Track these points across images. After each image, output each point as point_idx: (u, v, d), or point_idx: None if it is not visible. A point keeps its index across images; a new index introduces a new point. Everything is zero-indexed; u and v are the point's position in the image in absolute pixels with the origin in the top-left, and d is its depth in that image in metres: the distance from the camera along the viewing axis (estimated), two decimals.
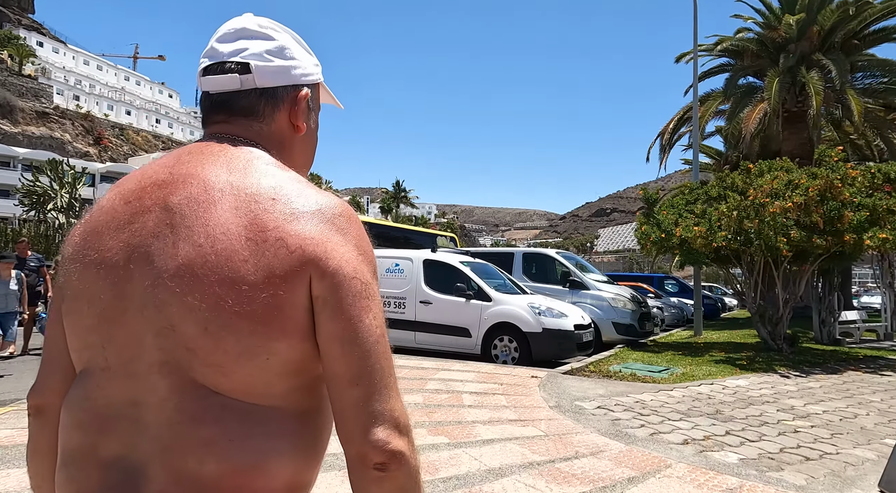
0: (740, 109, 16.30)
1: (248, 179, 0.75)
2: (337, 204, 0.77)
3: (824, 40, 15.90)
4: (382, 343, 0.73)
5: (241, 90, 0.82)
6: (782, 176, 8.82)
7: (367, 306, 0.72)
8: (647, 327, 10.74)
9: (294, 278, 0.69)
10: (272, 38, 0.85)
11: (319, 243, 0.71)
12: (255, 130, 0.84)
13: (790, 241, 8.59)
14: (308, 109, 0.89)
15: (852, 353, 10.21)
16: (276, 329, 0.69)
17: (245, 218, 0.71)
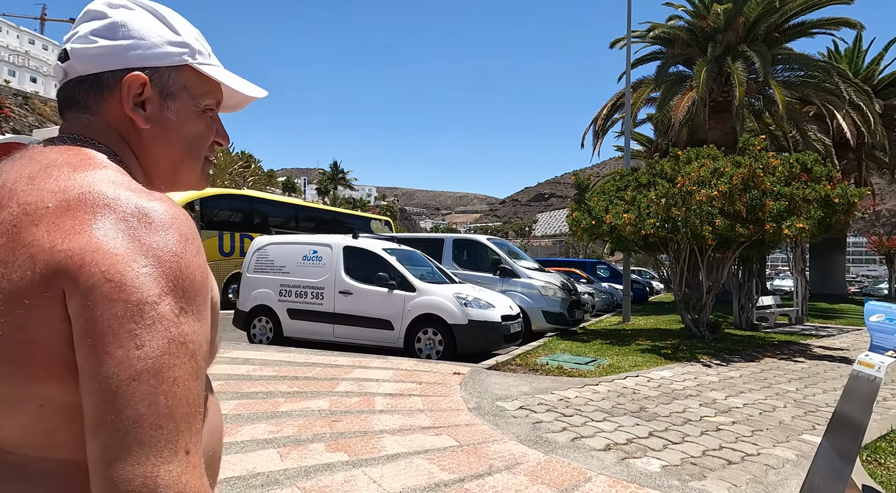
0: (670, 96, 16.52)
1: (38, 184, 0.63)
2: (136, 203, 0.62)
3: (749, 31, 16.31)
4: (148, 383, 0.55)
5: (70, 80, 0.74)
6: (709, 164, 8.81)
7: (129, 333, 0.55)
8: (576, 315, 10.62)
9: (42, 300, 0.57)
10: (105, 17, 0.73)
11: (77, 253, 0.57)
12: (84, 125, 0.74)
13: (715, 229, 8.60)
14: (161, 98, 0.75)
15: (768, 339, 10.53)
16: (35, 370, 0.58)
17: (7, 234, 0.60)
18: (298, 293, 8.41)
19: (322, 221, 21.08)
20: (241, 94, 0.82)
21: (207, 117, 0.80)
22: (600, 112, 18.72)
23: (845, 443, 3.19)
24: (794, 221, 8.60)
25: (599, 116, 18.71)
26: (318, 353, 7.55)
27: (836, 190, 8.71)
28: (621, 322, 13.31)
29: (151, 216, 0.61)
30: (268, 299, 8.62)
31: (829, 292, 23.05)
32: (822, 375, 7.21)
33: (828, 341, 10.43)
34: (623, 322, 13.28)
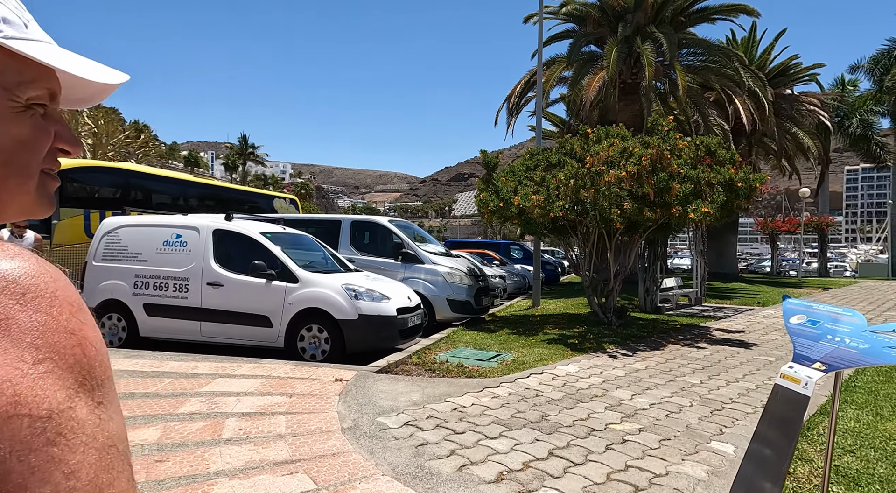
0: (582, 76, 16.28)
1: None
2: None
3: (657, 13, 16.35)
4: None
5: None
6: (618, 143, 8.40)
7: (50, 460, 0.40)
8: (484, 303, 10.03)
9: None
10: None
11: None
12: None
13: (623, 213, 8.25)
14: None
15: (671, 322, 10.53)
16: None
17: None
18: (158, 285, 7.08)
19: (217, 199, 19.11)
20: (90, 81, 0.58)
21: (36, 115, 0.57)
22: (514, 89, 18.21)
23: (766, 478, 2.66)
24: (699, 205, 8.42)
25: (513, 94, 18.20)
26: (178, 357, 6.34)
27: (739, 174, 8.63)
28: (531, 307, 12.99)
29: (19, 284, 0.45)
30: (119, 292, 7.21)
31: (722, 271, 24.41)
32: (724, 363, 7.06)
33: (725, 324, 10.60)
34: (533, 307, 12.97)
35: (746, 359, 7.31)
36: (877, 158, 35.82)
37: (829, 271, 34.18)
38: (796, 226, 30.53)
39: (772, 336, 9.23)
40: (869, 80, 32.27)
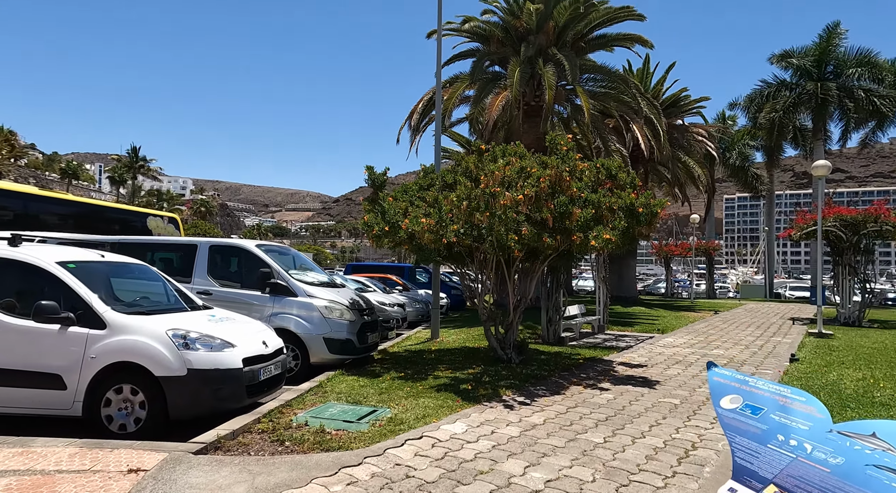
0: (485, 94, 15.76)
1: None
2: None
3: (559, 37, 16.27)
4: None
5: None
6: (515, 162, 7.58)
7: None
8: (370, 340, 8.75)
9: None
10: None
11: None
12: None
13: (521, 239, 7.40)
14: None
15: (574, 356, 9.83)
16: None
17: None
18: None
19: (74, 216, 16.37)
20: None
21: None
22: (416, 107, 17.37)
23: None
24: (601, 232, 7.77)
25: (415, 111, 17.35)
26: None
27: (640, 199, 8.13)
28: (430, 340, 11.88)
29: None
30: None
31: (623, 295, 24.85)
32: (629, 409, 6.28)
33: (628, 356, 10.08)
34: (431, 340, 11.86)
35: (651, 403, 6.60)
36: (753, 188, 39.07)
37: (716, 293, 36.39)
38: (688, 250, 32.15)
39: (674, 371, 8.74)
40: (745, 117, 35.19)
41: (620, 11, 16.10)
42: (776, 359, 10.04)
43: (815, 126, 30.51)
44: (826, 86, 28.77)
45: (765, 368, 9.17)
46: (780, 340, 12.89)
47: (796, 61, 29.72)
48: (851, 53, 29.10)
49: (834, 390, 7.36)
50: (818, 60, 29.36)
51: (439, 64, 12.55)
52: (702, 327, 15.46)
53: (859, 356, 10.28)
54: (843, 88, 28.51)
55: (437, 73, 12.60)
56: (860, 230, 16.38)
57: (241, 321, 6.30)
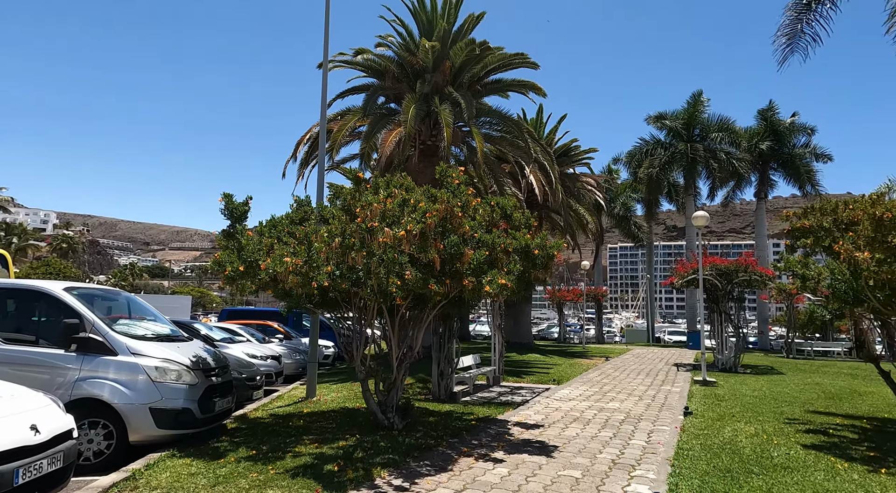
0: (378, 130, 14.91)
1: None
2: None
3: (455, 77, 15.99)
4: None
5: None
6: (398, 194, 6.57)
7: None
8: (218, 407, 7.04)
9: None
10: None
11: None
12: None
13: (405, 283, 6.31)
14: None
15: (466, 416, 8.75)
16: None
17: None
18: None
19: None
20: None
21: None
22: (302, 138, 16.08)
23: None
24: (495, 276, 6.90)
25: (301, 143, 16.03)
26: None
27: (536, 240, 7.44)
28: (305, 399, 10.24)
29: None
30: None
31: (519, 341, 24.54)
32: (525, 490, 5.25)
33: (524, 414, 9.19)
34: (307, 399, 10.23)
35: (550, 478, 5.62)
36: (635, 238, 41.70)
37: (604, 337, 37.66)
38: (579, 295, 33.02)
39: (572, 431, 7.93)
40: (627, 171, 37.77)
41: (515, 57, 16.26)
42: (671, 412, 9.67)
43: (686, 183, 33.27)
44: (695, 147, 31.64)
45: (661, 423, 8.69)
46: (669, 389, 12.79)
47: (669, 123, 32.51)
48: (714, 120, 32.42)
49: (734, 450, 6.92)
50: (687, 124, 32.33)
51: (324, 93, 11.46)
52: (596, 376, 15.17)
53: (745, 407, 10.24)
54: (709, 150, 31.47)
55: (323, 102, 11.49)
56: (733, 279, 17.33)
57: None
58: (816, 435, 8.00)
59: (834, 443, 7.56)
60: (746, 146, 32.40)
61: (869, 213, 7.03)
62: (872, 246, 7.25)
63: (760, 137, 32.42)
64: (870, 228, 7.08)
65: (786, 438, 7.73)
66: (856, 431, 8.48)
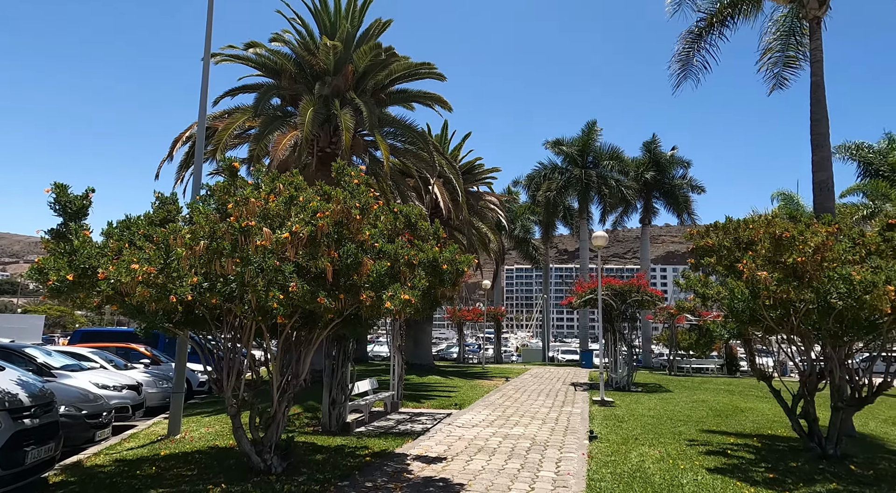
0: (270, 131, 13.55)
1: None
2: None
3: (358, 83, 15.11)
4: None
5: None
6: (284, 190, 5.51)
7: None
8: (30, 458, 5.40)
9: None
10: None
11: None
12: None
13: (289, 297, 5.23)
14: None
15: (359, 451, 7.69)
16: None
17: None
18: None
19: None
20: None
21: None
22: (180, 136, 14.24)
23: None
24: (398, 291, 6.04)
25: (179, 141, 14.18)
26: None
27: (445, 253, 6.69)
28: (166, 437, 8.58)
29: None
30: None
31: (419, 362, 23.69)
32: None
33: (425, 446, 8.30)
34: (168, 437, 8.58)
35: None
36: (532, 259, 42.86)
37: (502, 357, 37.91)
38: (479, 315, 32.95)
39: (477, 464, 7.18)
40: (526, 194, 38.86)
41: (422, 67, 15.74)
42: (575, 436, 9.28)
43: (580, 207, 34.79)
44: (588, 173, 33.23)
45: (568, 449, 8.22)
46: (570, 410, 12.58)
47: (566, 149, 33.93)
48: (605, 148, 34.34)
49: (644, 478, 6.55)
50: (582, 150, 33.93)
51: (205, 84, 9.97)
52: (497, 398, 14.68)
53: (646, 428, 10.15)
54: (601, 177, 33.19)
55: (203, 94, 9.99)
56: (627, 299, 17.86)
57: None
58: (717, 457, 7.92)
59: (735, 465, 7.48)
60: (634, 175, 34.62)
61: (769, 232, 7.11)
62: (769, 265, 7.35)
63: (645, 168, 34.79)
64: (769, 247, 7.15)
65: (690, 461, 7.55)
66: (750, 450, 8.56)
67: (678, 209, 35.18)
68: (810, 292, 6.89)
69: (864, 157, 27.63)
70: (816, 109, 11.44)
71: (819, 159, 11.32)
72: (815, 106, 11.46)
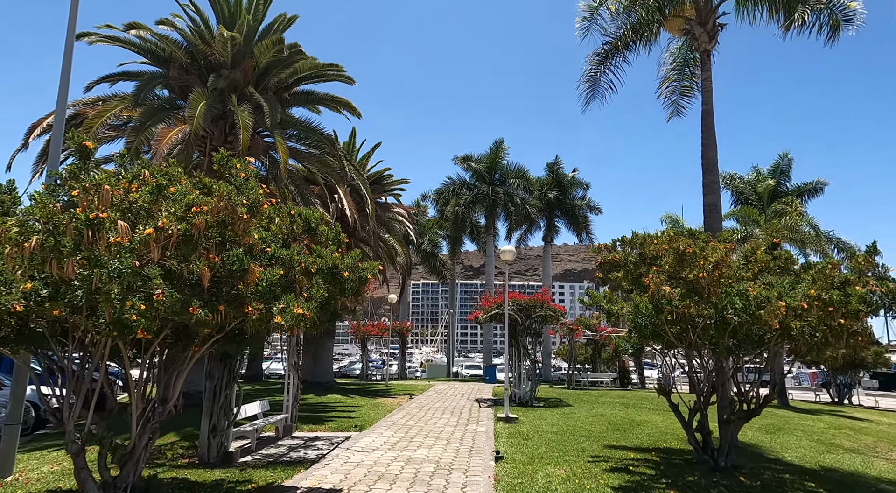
0: (153, 123, 12.07)
1: None
2: None
3: (259, 79, 14.04)
4: None
5: None
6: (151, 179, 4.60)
7: None
8: None
9: None
10: None
11: None
12: None
13: (154, 308, 4.32)
14: None
15: (241, 487, 6.71)
16: None
17: None
18: None
19: None
20: None
21: None
22: (39, 122, 12.29)
23: None
24: (290, 303, 5.30)
25: (36, 128, 12.22)
26: None
27: (346, 260, 6.05)
28: None
29: None
30: None
31: (318, 381, 22.39)
32: None
33: (318, 474, 7.48)
34: None
35: None
36: (439, 274, 42.79)
37: (406, 373, 37.18)
38: (384, 330, 32.10)
39: None
40: (434, 209, 38.82)
41: (329, 68, 14.96)
42: (481, 458, 8.89)
43: (487, 223, 35.28)
44: (496, 190, 33.84)
45: (474, 472, 7.79)
46: (475, 428, 12.23)
47: (475, 165, 34.36)
48: (512, 167, 35.21)
49: None
50: (490, 168, 34.54)
51: (67, 63, 8.55)
52: (401, 417, 14.02)
53: (550, 446, 10.01)
54: (508, 194, 33.92)
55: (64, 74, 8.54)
56: (531, 314, 18.02)
57: None
58: (620, 474, 7.87)
59: (637, 482, 7.44)
60: (538, 194, 35.79)
61: (673, 247, 7.21)
62: (672, 280, 7.47)
63: (549, 187, 36.11)
64: (673, 263, 7.25)
65: (595, 481, 7.40)
66: (650, 465, 8.64)
67: (578, 229, 36.79)
68: (710, 307, 7.04)
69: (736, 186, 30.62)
70: (706, 135, 12.21)
71: (709, 183, 12.05)
72: (705, 133, 12.23)
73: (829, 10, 11.83)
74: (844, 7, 11.84)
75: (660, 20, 13.02)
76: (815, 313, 6.71)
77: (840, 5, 11.82)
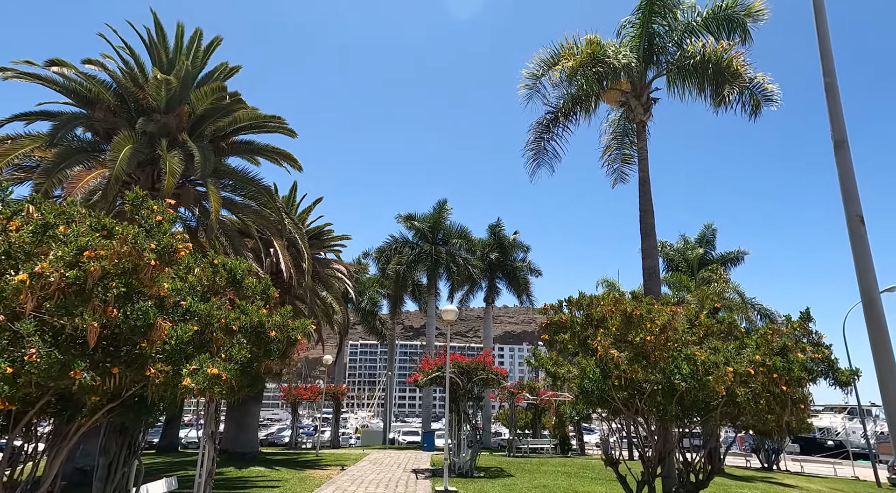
0: (69, 165, 11.09)
1: None
2: None
3: (195, 127, 13.42)
4: None
5: None
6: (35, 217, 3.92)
7: None
8: None
9: None
10: None
11: None
12: None
13: (24, 371, 3.53)
14: None
15: None
16: None
17: None
18: None
19: None
20: None
21: None
22: None
23: None
24: (204, 364, 4.60)
25: None
26: None
27: (274, 317, 5.42)
28: None
29: None
30: None
31: (241, 451, 20.43)
32: None
33: None
34: None
35: None
36: (379, 334, 41.49)
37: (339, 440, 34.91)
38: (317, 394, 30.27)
39: None
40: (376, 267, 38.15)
41: (271, 120, 14.60)
42: None
43: (429, 283, 34.87)
44: (438, 249, 33.76)
45: None
46: None
47: (418, 224, 34.34)
48: (455, 227, 35.46)
49: None
50: (433, 227, 34.60)
51: None
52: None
53: None
54: (450, 254, 33.89)
55: None
56: (473, 377, 17.41)
57: None
58: None
59: None
60: (480, 255, 36.01)
61: (620, 309, 7.03)
62: (619, 343, 7.25)
63: (491, 249, 36.46)
64: (619, 325, 7.05)
65: None
66: None
67: (519, 290, 37.02)
68: (657, 372, 6.82)
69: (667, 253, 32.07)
70: (644, 201, 12.60)
71: (647, 247, 12.30)
72: (643, 198, 12.62)
73: (750, 91, 12.93)
74: (763, 88, 12.97)
75: (598, 92, 13.69)
76: (759, 379, 6.63)
77: (759, 87, 12.94)
